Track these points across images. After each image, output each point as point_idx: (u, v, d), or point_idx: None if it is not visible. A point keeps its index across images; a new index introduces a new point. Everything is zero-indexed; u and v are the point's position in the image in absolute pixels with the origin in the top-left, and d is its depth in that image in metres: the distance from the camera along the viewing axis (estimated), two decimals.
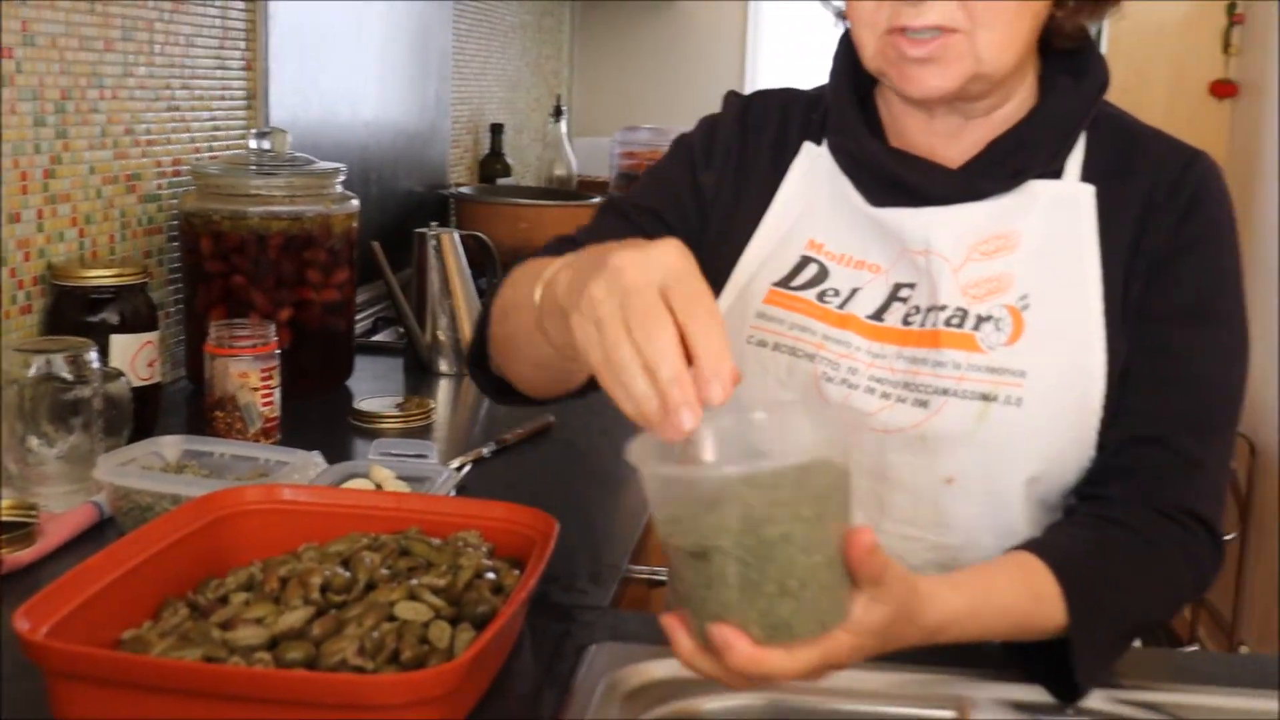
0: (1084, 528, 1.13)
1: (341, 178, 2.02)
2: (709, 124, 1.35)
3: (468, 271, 2.26)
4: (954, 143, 1.22)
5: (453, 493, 1.49)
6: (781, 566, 0.83)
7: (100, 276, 1.66)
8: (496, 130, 3.61)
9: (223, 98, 2.12)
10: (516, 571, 1.12)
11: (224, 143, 2.13)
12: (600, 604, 1.26)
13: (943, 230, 1.18)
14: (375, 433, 1.81)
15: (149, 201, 1.93)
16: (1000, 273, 1.16)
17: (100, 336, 1.61)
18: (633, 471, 0.85)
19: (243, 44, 2.17)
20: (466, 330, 2.21)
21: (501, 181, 3.58)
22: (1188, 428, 1.14)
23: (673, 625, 0.88)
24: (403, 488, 1.45)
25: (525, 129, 4.13)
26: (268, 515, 1.19)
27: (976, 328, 1.15)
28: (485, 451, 1.73)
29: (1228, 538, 3.66)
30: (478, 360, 1.25)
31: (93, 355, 1.46)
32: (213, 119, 2.09)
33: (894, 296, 1.20)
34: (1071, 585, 1.05)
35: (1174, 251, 1.16)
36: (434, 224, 2.27)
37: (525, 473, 1.71)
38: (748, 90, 1.40)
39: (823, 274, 1.23)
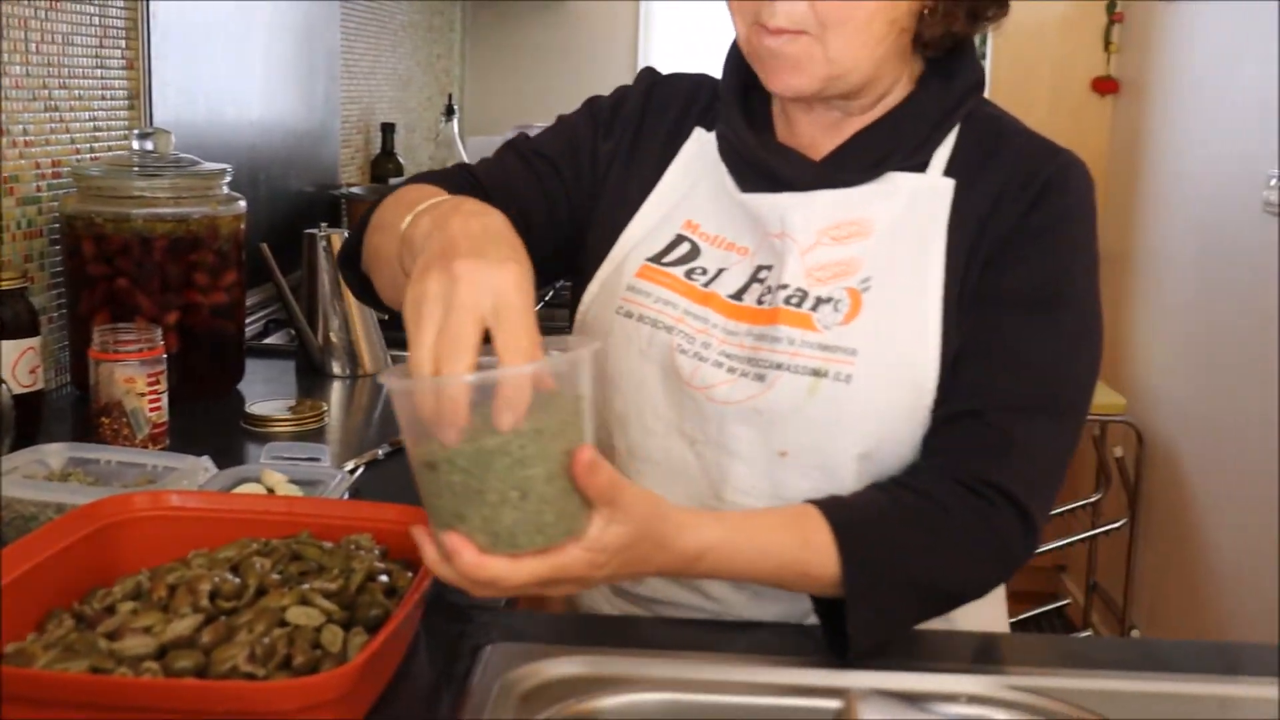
0: (878, 490, 1.17)
1: (228, 179, 1.99)
2: (619, 94, 1.40)
3: None
4: (831, 135, 1.27)
5: (346, 495, 1.48)
6: (500, 476, 0.89)
7: None
8: (388, 129, 3.58)
9: (103, 98, 2.08)
10: (410, 574, 1.11)
11: (105, 144, 2.08)
12: (495, 604, 1.25)
13: (796, 214, 1.23)
14: (267, 436, 1.79)
15: (28, 204, 1.89)
16: (849, 257, 1.21)
17: None
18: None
19: (123, 42, 2.13)
20: (359, 333, 2.19)
21: (394, 181, 3.55)
22: (1008, 406, 1.17)
23: (420, 534, 0.94)
24: (295, 491, 1.43)
25: (417, 128, 4.11)
26: (156, 522, 1.17)
27: (815, 308, 1.20)
28: (380, 453, 1.71)
29: (1116, 524, 3.75)
30: (349, 259, 1.29)
31: None
32: (93, 119, 2.05)
33: (754, 278, 1.25)
34: (846, 535, 1.10)
35: (1016, 236, 1.19)
36: (324, 225, 2.25)
37: None
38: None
39: (694, 252, 1.28)
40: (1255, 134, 3.07)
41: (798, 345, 1.19)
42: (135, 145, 1.93)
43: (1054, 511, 4.05)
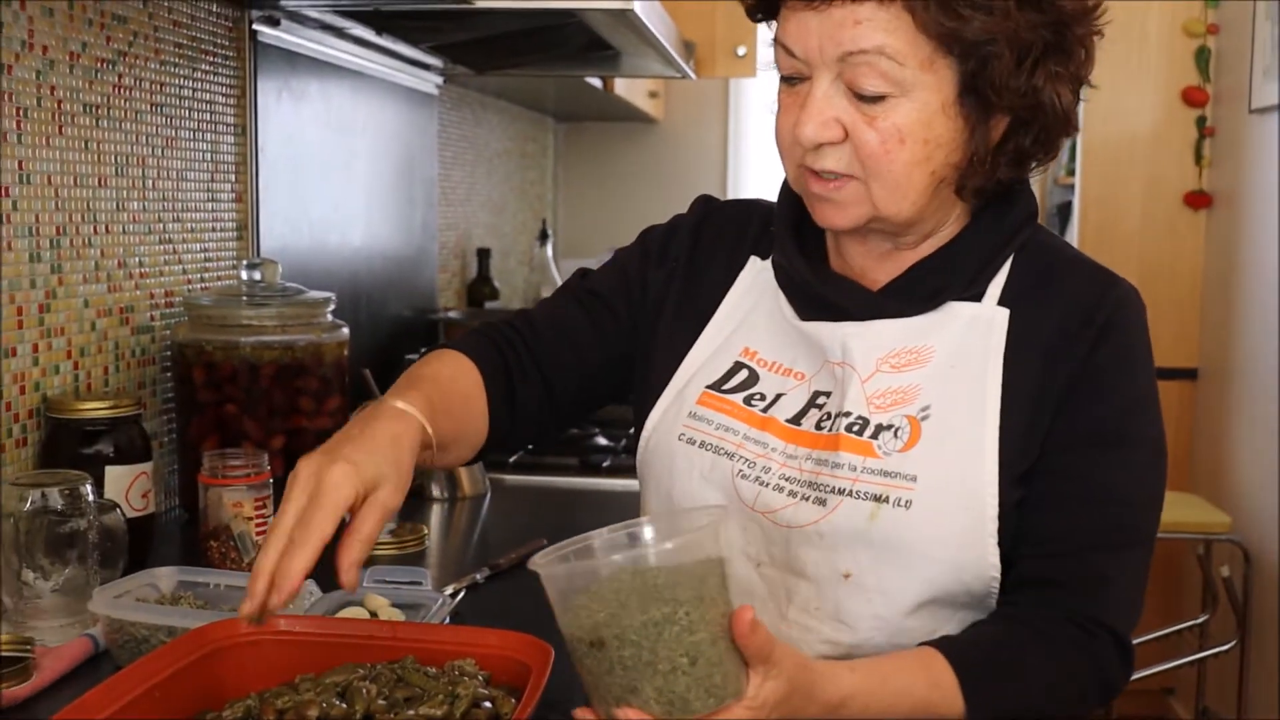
0: (987, 624, 1.22)
1: (332, 306, 2.05)
2: (673, 224, 1.47)
3: None
4: (884, 265, 1.31)
5: (447, 620, 1.49)
6: (669, 644, 0.95)
7: (95, 409, 1.68)
8: (483, 254, 3.66)
9: (214, 229, 2.15)
10: (513, 700, 1.12)
11: (215, 274, 2.15)
12: None
13: (856, 343, 1.27)
14: (369, 560, 1.81)
15: (142, 333, 1.95)
16: (908, 385, 1.24)
17: (95, 468, 1.62)
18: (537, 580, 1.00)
19: (233, 176, 2.21)
20: None
21: (489, 305, 3.62)
22: (1095, 544, 1.22)
23: (585, 717, 1.00)
24: (397, 615, 1.45)
25: (512, 252, 4.18)
26: (263, 646, 1.19)
27: (875, 435, 1.23)
28: (479, 576, 1.73)
29: (1225, 646, 3.65)
30: None
31: (88, 488, 1.47)
32: (204, 250, 2.12)
33: (812, 403, 1.28)
34: (967, 673, 1.15)
35: (1083, 379, 1.23)
36: (424, 349, 2.29)
37: (519, 597, 1.70)
38: None
39: (752, 379, 1.32)
40: None
41: (859, 471, 1.22)
42: (244, 275, 1.99)
43: (1160, 633, 3.98)
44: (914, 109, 1.17)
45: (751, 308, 1.36)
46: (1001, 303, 1.26)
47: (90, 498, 1.47)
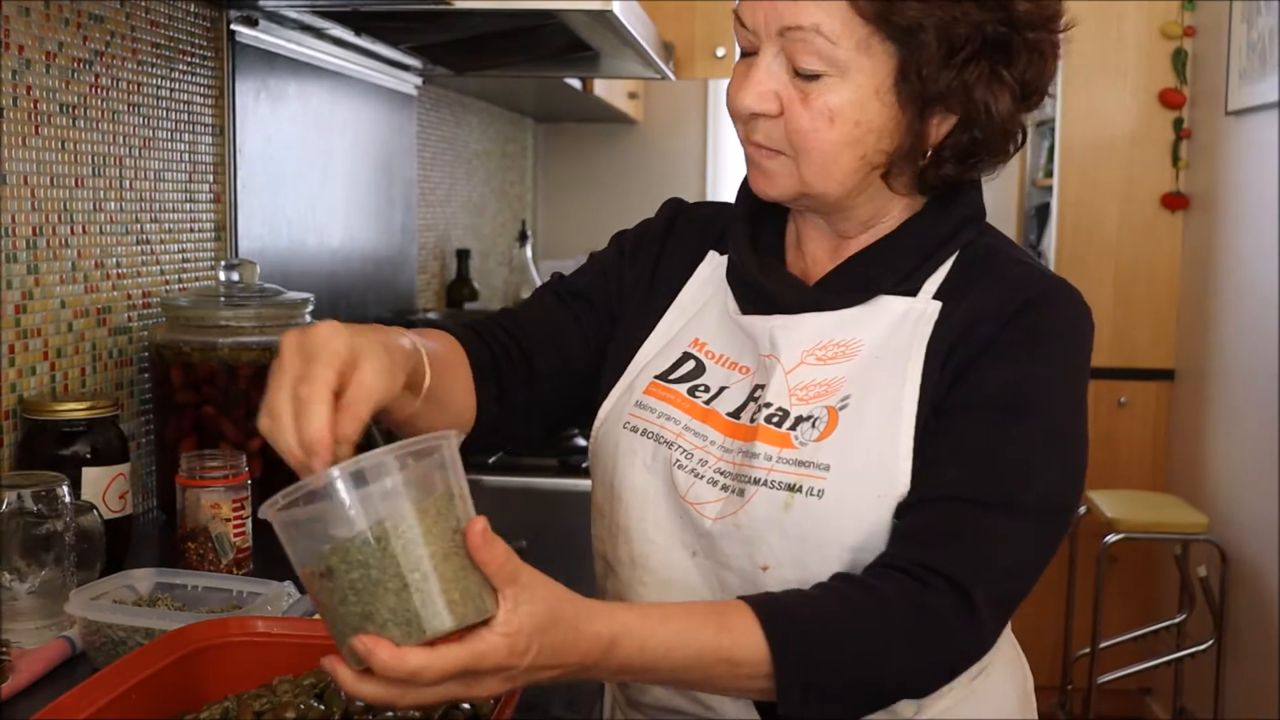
0: (816, 586, 1.16)
1: (310, 307, 2.04)
2: (644, 225, 1.47)
3: None
4: (831, 259, 1.31)
5: None
6: (395, 559, 0.91)
7: (72, 410, 1.67)
8: (463, 255, 3.65)
9: (192, 230, 2.15)
10: (492, 701, 1.12)
11: (193, 274, 2.15)
12: None
13: (782, 335, 1.26)
14: None
15: (119, 334, 1.94)
16: (832, 377, 1.24)
17: (72, 469, 1.62)
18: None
19: (211, 177, 2.21)
20: None
21: (469, 306, 3.62)
22: (956, 496, 1.16)
23: (331, 662, 0.94)
24: None
25: (491, 253, 4.18)
26: (241, 648, 1.19)
27: (794, 426, 1.22)
28: None
29: (1202, 646, 3.66)
30: None
31: (64, 489, 1.46)
32: (182, 251, 2.12)
33: (750, 397, 1.27)
34: (770, 618, 1.09)
35: (990, 348, 1.20)
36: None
37: None
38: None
39: (699, 370, 1.32)
40: None
41: (774, 461, 1.21)
42: (222, 276, 1.99)
43: (1137, 633, 4.00)
44: (848, 90, 1.18)
45: (706, 301, 1.37)
46: (936, 297, 1.26)
47: (67, 499, 1.46)
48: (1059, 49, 1.25)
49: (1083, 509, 3.95)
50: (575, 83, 3.44)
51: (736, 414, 1.27)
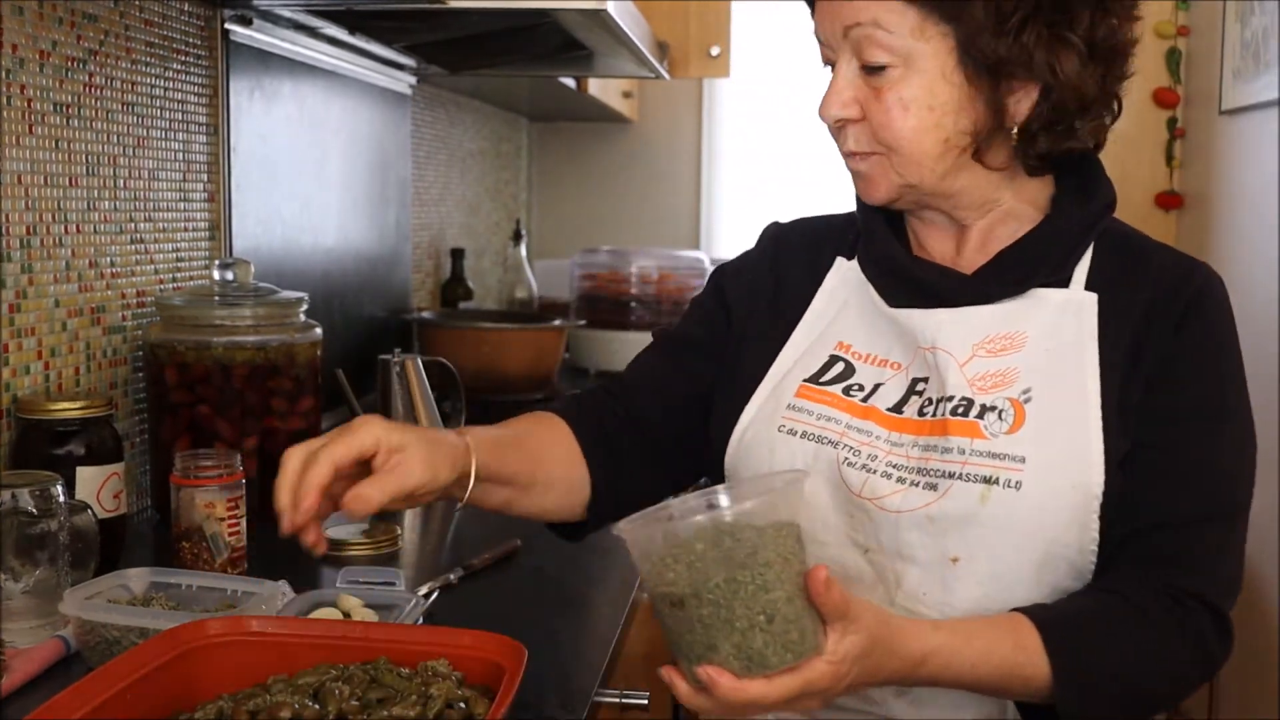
0: (1079, 596, 1.23)
1: (305, 307, 2.04)
2: (744, 256, 1.53)
3: (431, 397, 2.27)
4: (963, 253, 1.35)
5: (420, 620, 1.49)
6: (746, 602, 1.00)
7: (66, 409, 1.67)
8: (457, 255, 3.65)
9: (186, 229, 2.14)
10: (487, 700, 1.12)
11: (188, 274, 2.15)
12: None
13: (950, 328, 1.30)
14: (342, 560, 1.81)
15: (114, 333, 1.94)
16: (1005, 368, 1.27)
17: (66, 469, 1.61)
18: (623, 553, 1.05)
19: (205, 176, 2.20)
20: None
21: (463, 305, 3.61)
22: (1192, 518, 1.23)
23: (670, 674, 1.06)
24: (371, 616, 1.45)
25: (486, 253, 4.18)
26: (236, 647, 1.19)
27: (981, 416, 1.25)
28: (452, 577, 1.73)
29: None
30: None
31: (58, 489, 1.46)
32: (176, 250, 2.11)
33: (911, 390, 1.31)
34: (1053, 637, 1.17)
35: (1175, 356, 1.26)
36: (398, 350, 2.29)
37: (493, 598, 1.71)
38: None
39: (849, 371, 1.35)
40: None
41: (968, 454, 1.24)
42: (216, 275, 1.98)
43: None
44: (916, 78, 1.23)
45: (843, 304, 1.40)
46: (1088, 288, 1.29)
47: (61, 498, 1.46)
48: (1133, 7, 1.28)
49: None
50: (570, 82, 3.44)
51: (898, 408, 1.30)
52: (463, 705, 1.10)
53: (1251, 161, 3.61)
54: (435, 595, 1.66)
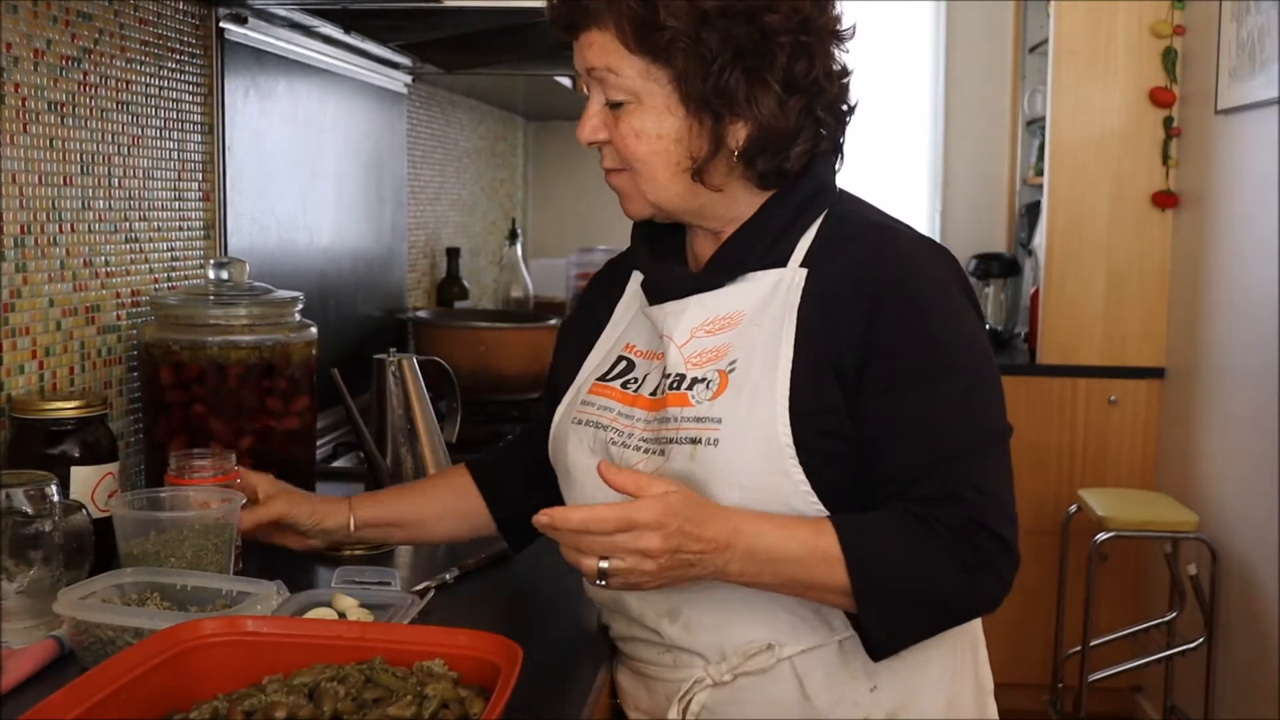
0: (884, 509, 1.39)
1: (300, 306, 2.03)
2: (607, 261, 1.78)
3: (427, 396, 2.27)
4: (713, 250, 1.54)
5: (416, 620, 1.49)
6: None
7: (60, 409, 1.66)
8: (453, 254, 3.65)
9: (181, 228, 2.14)
10: (482, 700, 1.12)
11: (182, 273, 2.14)
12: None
13: (673, 318, 1.50)
14: (337, 560, 1.81)
15: (108, 333, 1.94)
16: (719, 345, 1.46)
17: (61, 468, 1.61)
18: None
19: (200, 175, 2.20)
20: (427, 455, 2.21)
21: (459, 304, 3.61)
22: (941, 468, 1.37)
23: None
24: (366, 616, 1.44)
25: (481, 252, 4.17)
26: (231, 647, 1.19)
27: (690, 387, 1.45)
28: (448, 577, 1.72)
29: (1192, 644, 3.67)
30: None
31: (53, 488, 1.45)
32: (171, 249, 2.11)
33: (664, 375, 1.49)
34: (846, 527, 1.35)
35: (883, 329, 1.39)
36: (393, 350, 2.28)
37: (488, 598, 1.70)
38: None
39: (630, 367, 1.55)
40: None
41: (679, 421, 1.43)
42: (211, 274, 1.98)
43: (1127, 631, 4.01)
44: (645, 112, 1.43)
45: (634, 313, 1.60)
46: (804, 264, 1.46)
47: (56, 498, 1.46)
48: (831, 40, 1.45)
49: (1073, 507, 3.95)
50: (565, 80, 3.44)
51: (655, 392, 1.49)
52: (458, 705, 1.09)
53: (1248, 161, 3.61)
54: (431, 595, 1.65)
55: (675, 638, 1.46)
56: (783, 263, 1.47)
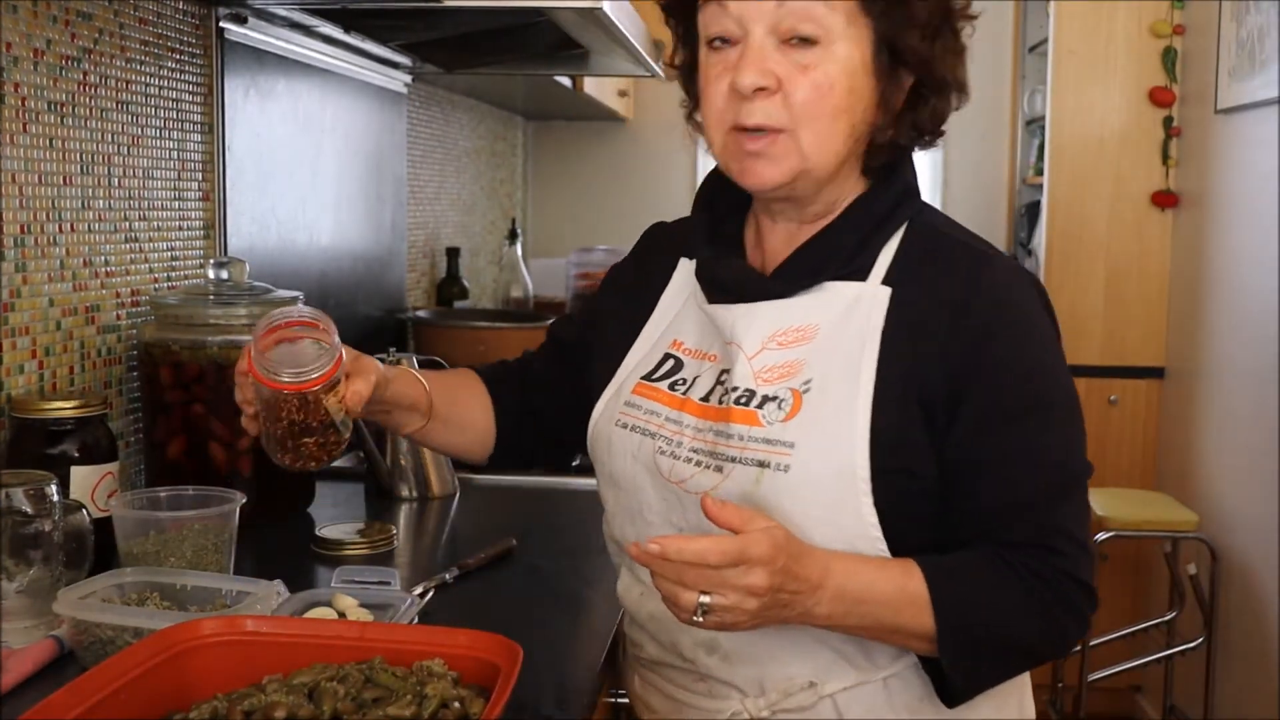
0: (961, 551, 1.32)
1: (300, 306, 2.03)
2: (626, 255, 1.65)
3: None
4: (787, 248, 1.41)
5: (416, 620, 1.49)
6: None
7: (60, 408, 1.66)
8: (453, 254, 3.65)
9: (181, 228, 2.14)
10: (482, 700, 1.11)
11: (182, 273, 2.14)
12: None
13: (745, 323, 1.38)
14: (337, 560, 1.81)
15: (108, 332, 1.94)
16: (793, 360, 1.34)
17: (61, 468, 1.61)
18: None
19: (200, 175, 2.20)
20: (426, 456, 2.21)
21: (459, 304, 3.61)
22: (1036, 503, 1.31)
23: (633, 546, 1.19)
24: (366, 615, 1.44)
25: (481, 252, 4.17)
26: (230, 647, 1.19)
27: (760, 406, 1.33)
28: (448, 577, 1.72)
29: (1192, 644, 3.67)
30: None
31: (53, 488, 1.45)
32: (171, 249, 2.11)
33: (718, 381, 1.39)
34: (934, 573, 1.27)
35: (981, 365, 1.31)
36: (393, 349, 2.29)
37: (488, 597, 1.70)
38: None
39: (678, 366, 1.45)
40: None
41: (745, 440, 1.33)
42: (211, 274, 1.98)
43: (1127, 631, 4.00)
44: (839, 61, 1.29)
45: (683, 303, 1.48)
46: (886, 281, 1.35)
47: (55, 498, 1.46)
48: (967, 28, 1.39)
49: None
50: (565, 80, 3.44)
51: (707, 398, 1.39)
52: (458, 705, 1.09)
53: (1247, 160, 3.61)
54: (430, 595, 1.65)
55: (711, 669, 1.39)
56: (863, 275, 1.36)
